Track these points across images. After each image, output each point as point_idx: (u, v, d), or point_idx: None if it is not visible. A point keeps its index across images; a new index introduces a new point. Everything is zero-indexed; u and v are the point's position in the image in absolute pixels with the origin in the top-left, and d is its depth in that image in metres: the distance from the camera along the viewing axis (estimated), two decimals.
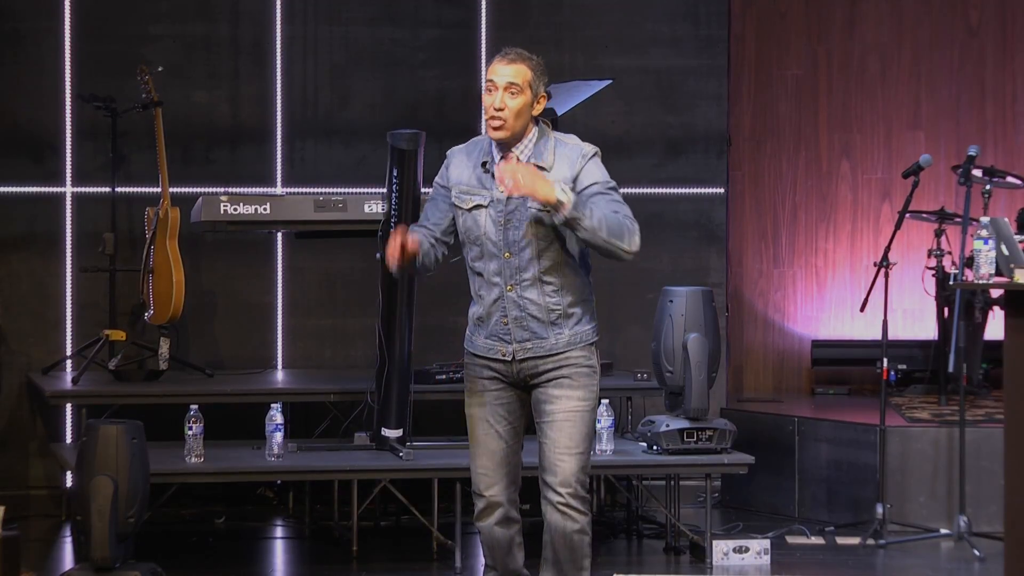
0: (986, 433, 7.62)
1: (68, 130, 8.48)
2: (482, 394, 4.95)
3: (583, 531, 4.89)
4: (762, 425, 8.26)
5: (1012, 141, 9.81)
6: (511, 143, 4.86)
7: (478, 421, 4.96)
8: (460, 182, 4.92)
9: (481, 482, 4.95)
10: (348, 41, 8.78)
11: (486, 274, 4.88)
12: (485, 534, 4.99)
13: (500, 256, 4.84)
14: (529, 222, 4.81)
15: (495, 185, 4.83)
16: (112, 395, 7.57)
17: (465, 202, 4.89)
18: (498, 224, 4.83)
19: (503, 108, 4.80)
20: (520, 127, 4.84)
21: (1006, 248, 5.85)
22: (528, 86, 4.83)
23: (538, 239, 4.81)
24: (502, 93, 4.81)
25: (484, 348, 4.94)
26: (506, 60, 4.85)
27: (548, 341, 4.87)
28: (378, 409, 7.07)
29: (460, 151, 4.99)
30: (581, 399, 4.90)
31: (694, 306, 7.02)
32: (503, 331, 4.88)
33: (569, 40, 8.91)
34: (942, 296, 8.74)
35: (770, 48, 9.73)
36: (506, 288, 4.85)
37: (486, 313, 4.90)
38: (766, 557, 6.95)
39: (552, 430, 4.87)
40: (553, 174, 4.80)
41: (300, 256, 8.64)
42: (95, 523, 5.86)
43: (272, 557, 7.50)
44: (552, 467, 4.87)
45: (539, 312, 4.86)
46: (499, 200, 4.83)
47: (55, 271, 8.46)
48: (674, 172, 8.92)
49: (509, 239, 4.83)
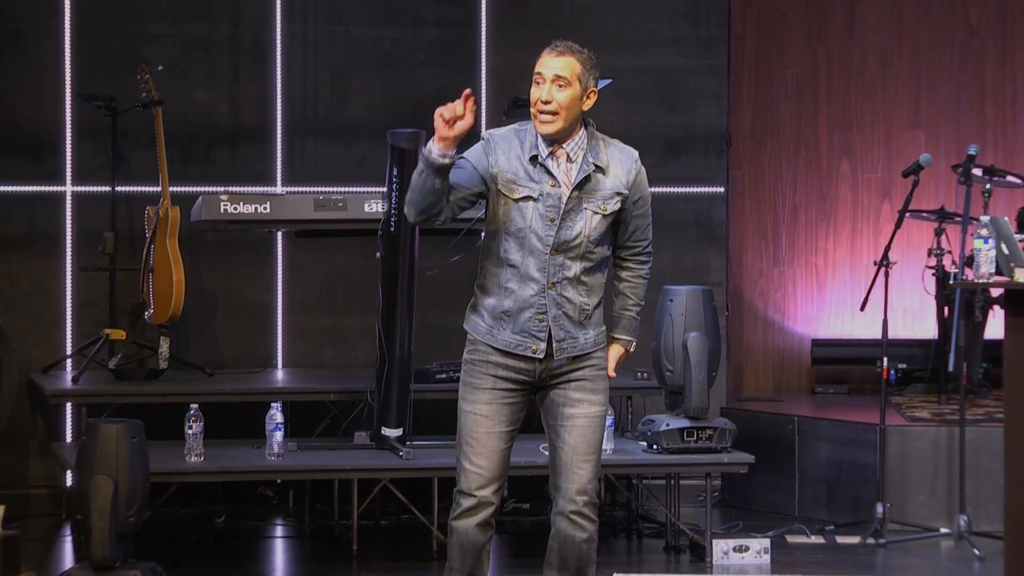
0: (986, 433, 7.62)
1: (68, 129, 8.48)
2: (491, 391, 4.79)
3: (591, 539, 4.80)
4: (762, 424, 8.27)
5: (1012, 140, 9.81)
6: (561, 139, 4.73)
7: (480, 419, 4.78)
8: (508, 169, 4.72)
9: (474, 481, 4.76)
10: (348, 41, 8.78)
11: (523, 267, 4.72)
12: (460, 534, 4.78)
13: (545, 252, 4.71)
14: (584, 223, 4.72)
15: (546, 179, 4.71)
16: (112, 394, 7.57)
17: (513, 191, 4.72)
18: (547, 220, 4.70)
19: (550, 101, 4.68)
20: (570, 122, 4.71)
21: (1006, 247, 5.85)
22: (577, 79, 4.71)
23: (589, 241, 4.73)
24: (549, 86, 4.68)
25: (511, 343, 4.76)
26: (555, 52, 4.74)
27: (579, 341, 4.78)
28: (378, 408, 7.08)
29: (503, 138, 4.79)
30: (601, 404, 4.83)
31: (694, 305, 7.02)
32: (537, 328, 4.74)
33: (569, 40, 8.88)
34: (942, 295, 8.74)
35: (770, 48, 9.73)
36: (547, 285, 4.72)
37: (516, 308, 4.74)
38: (766, 556, 6.95)
39: (571, 435, 4.77)
40: (610, 176, 4.74)
41: (300, 256, 8.65)
42: (95, 522, 5.86)
43: (272, 556, 7.50)
44: (570, 473, 4.76)
45: (573, 312, 4.75)
46: (550, 195, 4.70)
47: (55, 270, 8.46)
48: (674, 171, 8.92)
49: (560, 238, 4.71)
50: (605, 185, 4.76)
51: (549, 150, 4.74)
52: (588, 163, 4.73)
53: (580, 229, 4.73)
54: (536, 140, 4.75)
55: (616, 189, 4.76)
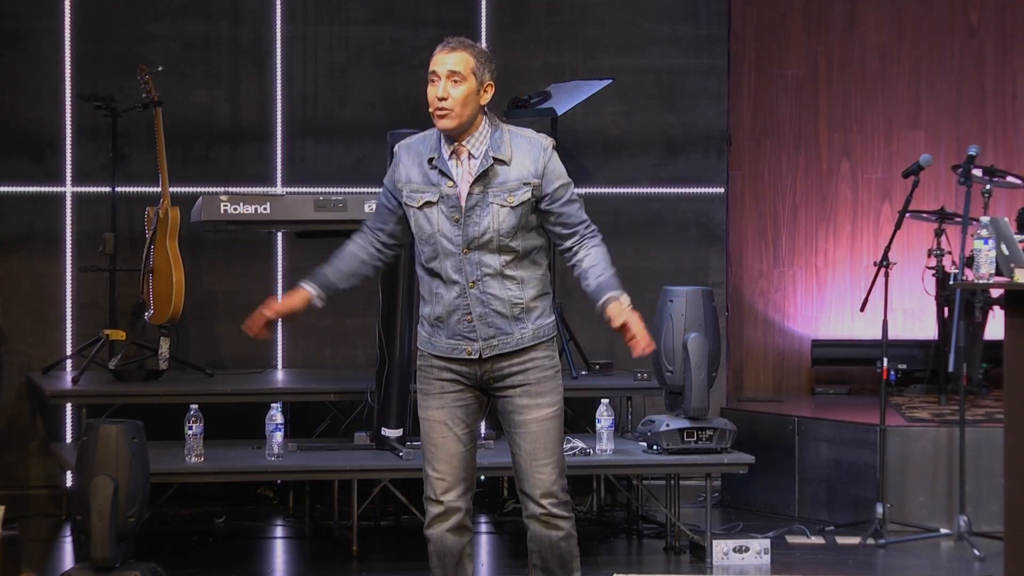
0: (986, 433, 7.62)
1: (68, 130, 8.48)
2: (440, 396, 4.81)
3: (568, 536, 4.80)
4: (762, 425, 8.27)
5: (1012, 141, 9.81)
6: (460, 135, 4.73)
7: (435, 424, 4.81)
8: (409, 180, 4.78)
9: (437, 487, 4.77)
10: (348, 41, 8.78)
11: (443, 271, 4.75)
12: (435, 542, 4.78)
13: (458, 253, 4.72)
14: (491, 217, 4.70)
15: (443, 181, 4.72)
16: (112, 395, 7.58)
17: (415, 200, 4.76)
18: (453, 220, 4.72)
19: (446, 97, 4.68)
20: (468, 116, 4.71)
21: (1006, 248, 5.85)
22: (472, 73, 4.70)
23: (500, 235, 4.71)
24: (445, 82, 4.69)
25: (447, 348, 4.79)
26: (447, 49, 4.73)
27: (513, 336, 4.75)
28: (378, 409, 7.08)
29: (408, 148, 4.84)
30: (550, 405, 4.79)
31: (694, 306, 7.01)
32: (467, 329, 4.76)
33: (569, 40, 8.91)
34: (942, 296, 8.74)
35: (770, 48, 9.73)
36: (468, 284, 4.73)
37: (446, 312, 4.77)
38: (766, 557, 6.95)
39: (526, 441, 4.77)
40: (514, 167, 4.72)
41: (300, 256, 8.64)
42: (95, 523, 5.86)
43: (272, 557, 7.50)
44: (531, 479, 4.76)
45: (502, 307, 4.74)
46: (450, 195, 4.72)
47: (55, 271, 8.46)
48: (674, 172, 8.92)
49: (468, 235, 4.71)
50: (510, 176, 4.73)
51: (451, 149, 4.75)
52: (488, 157, 4.73)
53: (488, 224, 4.71)
54: (438, 142, 4.77)
55: (523, 179, 4.73)
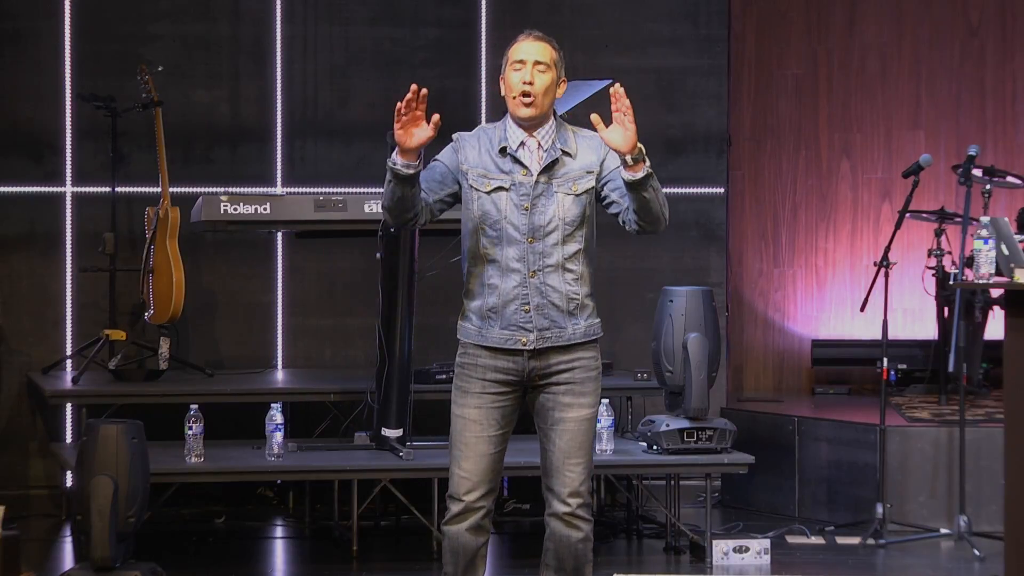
0: (986, 433, 7.61)
1: (68, 130, 8.48)
2: (480, 395, 4.76)
3: (587, 539, 4.79)
4: (762, 425, 8.27)
5: (1012, 141, 9.81)
6: (536, 125, 4.74)
7: (469, 423, 4.76)
8: (477, 165, 4.74)
9: (462, 486, 4.75)
10: (348, 41, 8.78)
11: (503, 260, 4.71)
12: (452, 539, 4.76)
13: (523, 241, 4.70)
14: (556, 206, 4.70)
15: (517, 169, 4.72)
16: (112, 395, 7.57)
17: (484, 185, 4.73)
18: (521, 208, 4.70)
19: (532, 83, 4.69)
20: (548, 106, 4.74)
21: (1006, 248, 5.85)
22: (554, 65, 4.74)
23: (564, 224, 4.70)
24: (531, 69, 4.70)
25: (501, 339, 4.72)
26: (532, 38, 4.75)
27: (567, 331, 4.73)
28: (378, 409, 7.08)
29: (471, 136, 4.83)
30: (590, 406, 4.79)
31: (694, 306, 7.01)
32: (524, 320, 4.71)
33: (569, 40, 8.89)
34: (942, 296, 8.74)
35: (770, 48, 9.73)
36: (528, 275, 4.69)
37: (502, 303, 4.72)
38: (766, 557, 6.95)
39: (562, 439, 4.74)
40: (579, 159, 4.74)
41: (300, 256, 8.65)
42: (95, 523, 5.86)
43: (272, 557, 7.49)
44: (561, 476, 4.74)
45: (560, 300, 4.72)
46: (522, 184, 4.71)
47: (55, 271, 8.47)
48: (674, 172, 8.91)
49: (534, 223, 4.69)
50: (574, 167, 4.75)
51: (520, 140, 4.75)
52: (556, 149, 4.74)
53: (553, 213, 4.71)
54: (505, 133, 4.77)
55: (586, 168, 4.75)
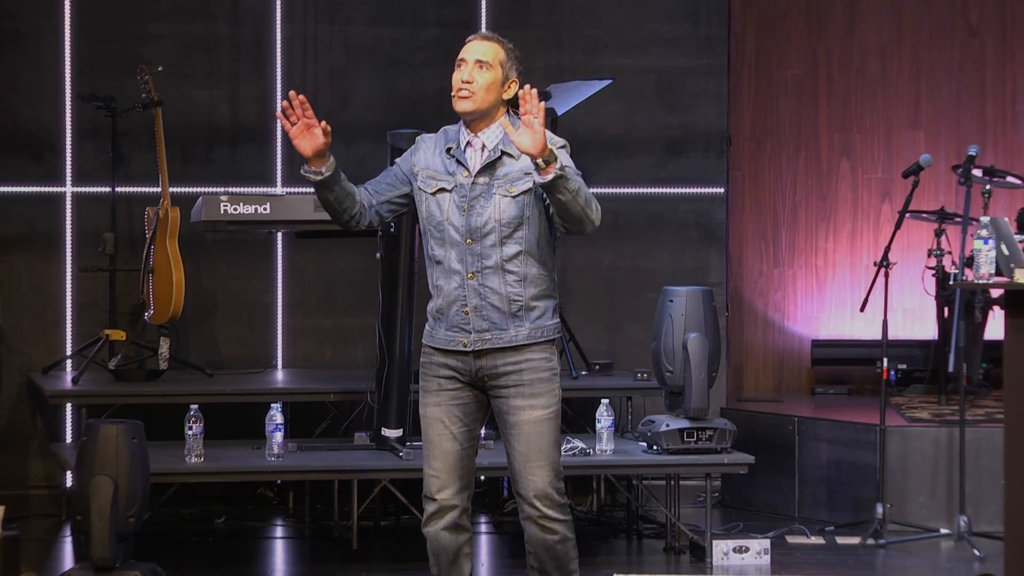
0: (986, 433, 7.62)
1: (68, 130, 8.48)
2: (438, 393, 4.79)
3: (564, 539, 4.78)
4: (762, 425, 8.27)
5: (1012, 141, 9.81)
6: (477, 124, 4.75)
7: (432, 421, 4.79)
8: (427, 167, 4.79)
9: (433, 484, 4.77)
10: (348, 41, 8.78)
11: (446, 262, 4.74)
12: (431, 540, 4.79)
13: (462, 243, 4.72)
14: (493, 208, 4.70)
15: (459, 170, 4.74)
16: (112, 395, 7.57)
17: (430, 186, 4.76)
18: (460, 209, 4.72)
19: (471, 81, 4.71)
20: (487, 104, 4.73)
21: (1006, 248, 5.84)
22: (499, 65, 4.73)
23: (501, 225, 4.70)
24: (471, 67, 4.72)
25: (444, 340, 4.76)
26: (479, 38, 4.79)
27: (508, 333, 4.72)
28: (378, 409, 7.08)
29: (429, 138, 4.87)
30: (544, 407, 4.75)
31: (694, 306, 7.01)
32: (463, 321, 4.73)
33: (569, 40, 8.91)
34: (942, 296, 8.74)
35: (770, 48, 9.73)
36: (467, 276, 4.71)
37: (446, 304, 4.75)
38: (766, 557, 6.95)
39: (519, 442, 4.74)
40: (520, 162, 4.71)
41: (300, 256, 8.65)
42: (95, 523, 5.86)
43: (272, 557, 7.50)
44: (524, 480, 4.74)
45: (500, 302, 4.72)
46: (462, 185, 4.73)
47: (55, 271, 8.47)
48: (674, 172, 8.92)
49: (471, 225, 4.70)
50: (514, 168, 4.73)
51: (467, 140, 4.77)
52: (497, 150, 4.74)
53: (490, 214, 4.71)
54: (458, 134, 4.80)
55: (525, 170, 4.70)
